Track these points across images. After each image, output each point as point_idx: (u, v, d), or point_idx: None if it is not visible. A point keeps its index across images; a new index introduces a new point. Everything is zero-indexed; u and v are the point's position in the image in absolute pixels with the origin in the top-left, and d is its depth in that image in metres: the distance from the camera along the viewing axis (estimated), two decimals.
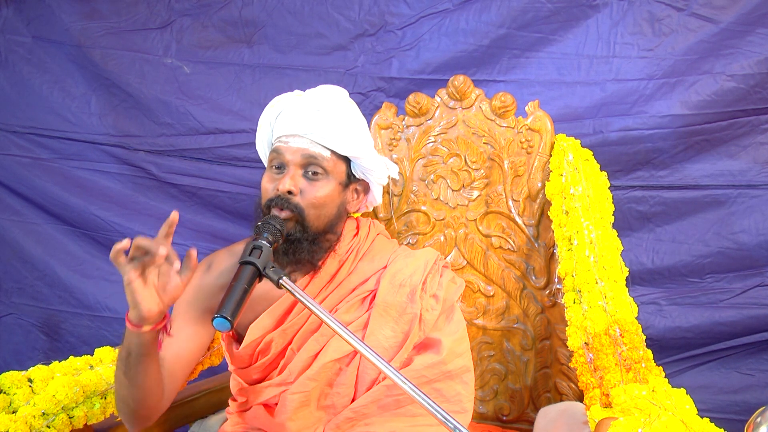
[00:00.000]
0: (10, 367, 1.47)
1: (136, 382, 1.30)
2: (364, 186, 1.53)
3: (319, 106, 1.44)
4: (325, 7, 2.42)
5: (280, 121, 1.45)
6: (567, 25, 2.27)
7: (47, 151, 2.65)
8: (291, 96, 1.48)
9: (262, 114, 1.49)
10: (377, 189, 1.54)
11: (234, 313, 1.13)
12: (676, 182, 2.27)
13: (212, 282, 1.48)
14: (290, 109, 1.44)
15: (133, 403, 1.34)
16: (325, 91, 1.49)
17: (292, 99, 1.47)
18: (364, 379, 1.41)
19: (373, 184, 1.53)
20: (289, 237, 1.37)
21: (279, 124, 1.44)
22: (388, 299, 1.43)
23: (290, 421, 1.40)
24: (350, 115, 1.47)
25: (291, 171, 1.40)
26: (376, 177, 1.50)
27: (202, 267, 1.51)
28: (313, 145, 1.41)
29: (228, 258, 1.50)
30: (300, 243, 1.38)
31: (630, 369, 1.39)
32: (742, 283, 2.24)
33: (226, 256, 1.51)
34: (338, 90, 1.51)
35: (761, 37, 2.13)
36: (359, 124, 1.48)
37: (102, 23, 2.56)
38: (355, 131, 1.45)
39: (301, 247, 1.39)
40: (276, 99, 1.49)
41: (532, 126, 1.90)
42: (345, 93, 1.52)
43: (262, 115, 1.49)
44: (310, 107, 1.43)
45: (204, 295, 1.47)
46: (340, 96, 1.50)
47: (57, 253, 2.68)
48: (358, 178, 1.49)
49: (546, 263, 1.88)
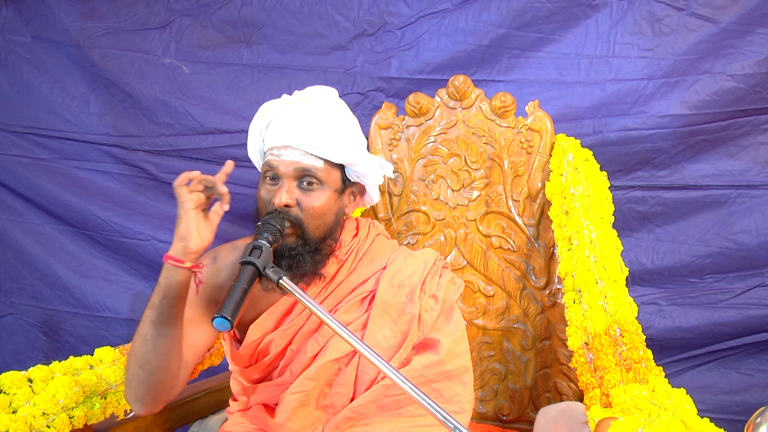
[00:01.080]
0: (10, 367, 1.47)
1: (165, 332, 1.28)
2: (359, 188, 1.52)
3: (309, 115, 1.41)
4: (324, 7, 2.41)
5: (270, 131, 1.42)
6: (567, 24, 2.27)
7: (47, 151, 2.65)
8: (279, 104, 1.45)
9: (252, 122, 1.47)
10: (373, 189, 1.53)
11: (234, 314, 1.13)
12: (676, 182, 2.26)
13: (218, 275, 1.48)
14: (280, 118, 1.42)
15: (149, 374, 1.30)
16: (314, 96, 1.46)
17: (280, 108, 1.44)
18: (363, 379, 1.41)
19: (369, 186, 1.52)
20: (291, 252, 1.37)
21: (270, 134, 1.42)
22: (387, 299, 1.43)
23: (289, 421, 1.40)
24: (341, 120, 1.44)
25: (286, 184, 1.38)
26: (372, 179, 1.50)
27: (208, 259, 1.50)
28: (306, 156, 1.39)
29: (231, 253, 1.50)
30: (303, 257, 1.38)
31: (630, 369, 1.39)
32: (742, 284, 2.24)
33: (229, 251, 1.51)
34: (327, 92, 1.48)
35: (761, 37, 2.13)
36: (351, 129, 1.46)
37: (101, 23, 2.56)
38: (347, 138, 1.43)
39: (304, 260, 1.38)
40: (264, 107, 1.47)
41: (532, 126, 1.90)
42: (334, 94, 1.49)
43: (252, 124, 1.47)
44: (300, 116, 1.41)
45: (209, 287, 1.47)
46: (330, 100, 1.46)
47: (57, 253, 2.68)
48: (353, 182, 1.48)
49: (546, 263, 1.87)
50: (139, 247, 2.62)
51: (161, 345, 1.29)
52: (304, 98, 1.44)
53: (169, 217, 2.61)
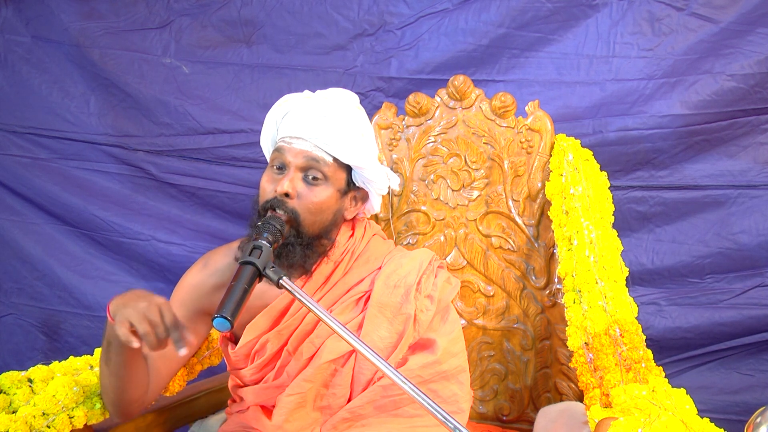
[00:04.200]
0: (10, 367, 1.47)
1: (117, 372, 1.33)
2: (362, 194, 1.51)
3: (327, 111, 1.42)
4: (324, 7, 2.41)
5: (286, 121, 1.44)
6: (566, 24, 2.26)
7: (46, 151, 2.65)
8: (300, 97, 1.46)
9: (269, 111, 1.48)
10: (376, 199, 1.53)
11: (234, 313, 1.13)
12: (676, 182, 2.26)
13: (207, 281, 1.48)
14: (297, 110, 1.43)
15: (113, 393, 1.38)
16: (336, 95, 1.47)
17: (300, 100, 1.45)
18: (360, 379, 1.41)
19: (372, 194, 1.51)
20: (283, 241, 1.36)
21: (285, 124, 1.44)
22: (382, 300, 1.43)
23: (287, 422, 1.40)
24: (357, 123, 1.45)
25: (291, 173, 1.39)
26: (377, 188, 1.49)
27: (198, 265, 1.51)
28: (316, 149, 1.40)
29: (224, 256, 1.50)
30: (293, 247, 1.38)
31: (630, 369, 1.39)
32: (742, 284, 2.24)
33: (222, 254, 1.51)
34: (349, 95, 1.49)
35: (761, 37, 2.13)
36: (365, 134, 1.46)
37: (101, 23, 2.55)
38: (360, 141, 1.43)
39: (294, 251, 1.38)
40: (284, 98, 1.48)
41: (532, 126, 1.90)
42: (355, 99, 1.50)
43: (269, 113, 1.48)
44: (318, 111, 1.42)
45: (197, 295, 1.48)
46: (350, 102, 1.48)
47: (57, 253, 2.67)
48: (357, 186, 1.48)
49: (546, 263, 1.87)
50: (139, 247, 2.62)
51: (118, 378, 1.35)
52: (326, 96, 1.46)
53: (169, 217, 2.63)
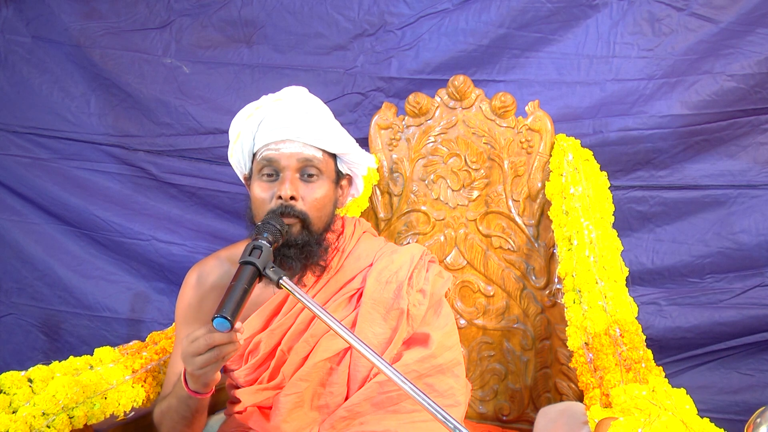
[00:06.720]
0: (10, 367, 1.46)
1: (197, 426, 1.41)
2: (348, 180, 1.56)
3: (306, 108, 1.45)
4: (324, 7, 2.41)
5: (263, 129, 1.43)
6: (567, 24, 2.26)
7: (47, 151, 2.65)
8: (268, 102, 1.47)
9: (238, 124, 1.47)
10: (360, 181, 1.59)
11: (234, 313, 1.14)
12: (676, 182, 2.26)
13: (203, 294, 1.50)
14: (273, 115, 1.43)
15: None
16: (297, 92, 1.51)
17: (272, 105, 1.46)
18: (356, 377, 1.41)
19: (357, 177, 1.57)
20: (297, 242, 1.38)
21: (263, 132, 1.43)
22: (375, 296, 1.44)
23: (285, 423, 1.40)
24: (328, 113, 1.51)
25: (288, 176, 1.40)
26: (361, 170, 1.54)
27: (191, 281, 1.52)
28: (306, 147, 1.42)
29: (216, 266, 1.52)
30: (311, 246, 1.40)
31: (630, 369, 1.39)
32: (742, 283, 2.23)
33: (212, 266, 1.53)
34: (305, 89, 1.53)
35: (761, 37, 2.13)
36: (336, 121, 1.52)
37: (101, 23, 2.55)
38: (338, 129, 1.49)
39: (312, 250, 1.40)
40: (252, 107, 1.47)
41: (532, 126, 1.90)
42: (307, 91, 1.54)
43: (238, 125, 1.47)
44: (296, 110, 1.43)
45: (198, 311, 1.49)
46: (310, 96, 1.52)
47: (57, 253, 2.67)
48: (344, 173, 1.53)
49: (546, 263, 1.88)
50: (139, 247, 2.62)
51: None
52: (291, 95, 1.49)
53: (170, 217, 2.62)
